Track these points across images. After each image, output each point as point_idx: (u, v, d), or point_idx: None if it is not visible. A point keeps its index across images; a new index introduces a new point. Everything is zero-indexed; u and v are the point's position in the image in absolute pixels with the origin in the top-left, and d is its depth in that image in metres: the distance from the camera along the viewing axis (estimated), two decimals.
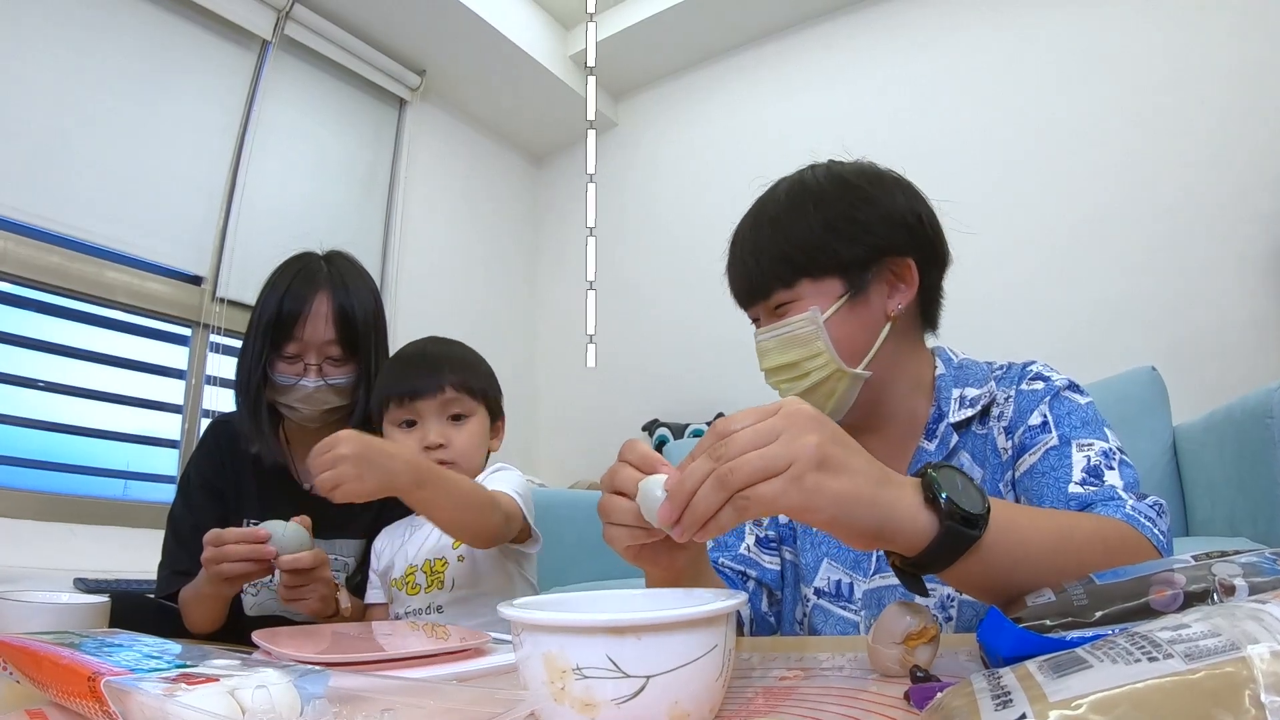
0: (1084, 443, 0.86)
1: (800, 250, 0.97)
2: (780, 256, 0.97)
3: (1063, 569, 0.63)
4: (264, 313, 1.34)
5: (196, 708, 0.42)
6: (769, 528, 1.08)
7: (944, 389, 1.00)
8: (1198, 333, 2.53)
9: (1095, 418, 0.90)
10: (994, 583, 0.65)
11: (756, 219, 1.02)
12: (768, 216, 1.01)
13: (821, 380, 0.96)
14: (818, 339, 0.95)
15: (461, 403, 1.27)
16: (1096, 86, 2.84)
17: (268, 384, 1.36)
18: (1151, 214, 2.67)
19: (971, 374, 1.01)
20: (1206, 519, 1.90)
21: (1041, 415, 0.90)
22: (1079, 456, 0.84)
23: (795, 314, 0.97)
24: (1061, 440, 0.87)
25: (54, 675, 0.54)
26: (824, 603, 1.01)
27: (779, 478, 0.56)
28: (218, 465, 1.43)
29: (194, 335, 2.81)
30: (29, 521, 2.25)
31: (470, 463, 1.27)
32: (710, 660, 0.48)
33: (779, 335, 0.98)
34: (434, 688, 0.52)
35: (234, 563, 1.11)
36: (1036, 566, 0.65)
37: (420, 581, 1.24)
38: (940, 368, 1.02)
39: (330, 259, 1.43)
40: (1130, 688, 0.31)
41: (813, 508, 0.57)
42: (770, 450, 0.57)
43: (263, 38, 3.06)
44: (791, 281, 0.97)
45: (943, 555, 0.61)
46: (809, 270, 0.97)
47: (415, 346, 1.35)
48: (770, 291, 0.99)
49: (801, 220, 0.97)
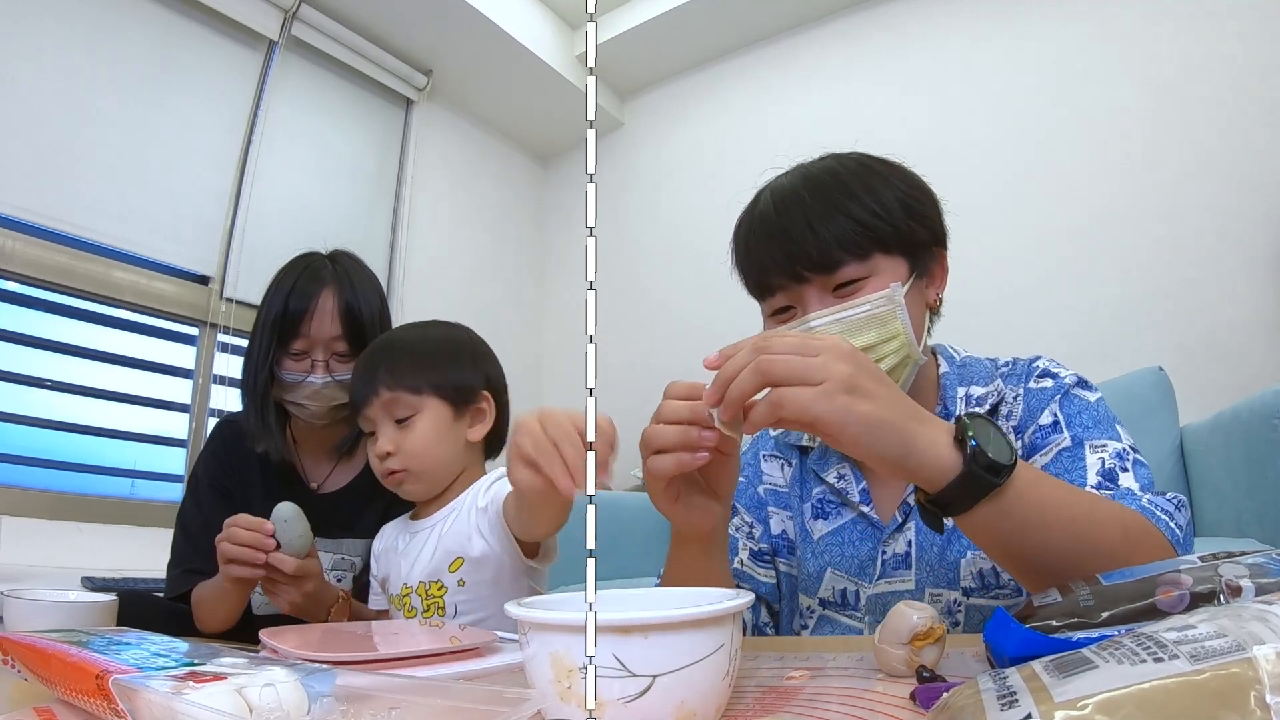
0: (1097, 444, 0.85)
1: (881, 220, 0.89)
2: (857, 224, 0.88)
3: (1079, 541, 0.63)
4: (270, 311, 1.35)
5: (204, 706, 0.43)
6: (762, 540, 1.07)
7: (949, 387, 0.99)
8: (1205, 333, 2.52)
9: (1106, 415, 0.89)
10: (1009, 539, 0.66)
11: (811, 188, 0.92)
12: (828, 183, 0.92)
13: (892, 368, 0.89)
14: (896, 318, 0.89)
15: (402, 403, 1.15)
16: (1104, 87, 2.83)
17: (274, 382, 1.37)
18: (1159, 215, 2.66)
19: (975, 372, 1.00)
20: (1213, 520, 1.90)
21: (1052, 415, 0.89)
22: (1093, 459, 0.83)
23: (869, 291, 0.89)
24: (1075, 441, 0.86)
25: (62, 673, 0.54)
26: (829, 613, 1.00)
27: (813, 388, 0.61)
28: (225, 465, 1.44)
29: (201, 335, 2.82)
30: (37, 520, 2.26)
31: (426, 464, 1.16)
32: (716, 660, 0.48)
33: (852, 316, 0.88)
34: (441, 686, 0.52)
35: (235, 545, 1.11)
36: (1053, 533, 0.65)
37: (416, 605, 1.16)
38: (943, 365, 1.01)
39: (335, 258, 1.44)
40: (1136, 688, 0.31)
41: (839, 424, 0.61)
42: (809, 361, 0.62)
43: (269, 38, 3.07)
44: (867, 253, 0.89)
45: (962, 496, 0.63)
46: (885, 244, 0.89)
47: (375, 342, 1.26)
48: (837, 264, 0.89)
49: (878, 191, 0.91)
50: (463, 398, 1.20)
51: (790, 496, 1.07)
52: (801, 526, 1.04)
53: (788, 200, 0.93)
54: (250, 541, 1.11)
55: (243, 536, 1.11)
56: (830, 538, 1.01)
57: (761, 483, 1.10)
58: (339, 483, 1.46)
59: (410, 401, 1.15)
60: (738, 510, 1.07)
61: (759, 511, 1.08)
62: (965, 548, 0.92)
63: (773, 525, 1.07)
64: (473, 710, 0.49)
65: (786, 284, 0.92)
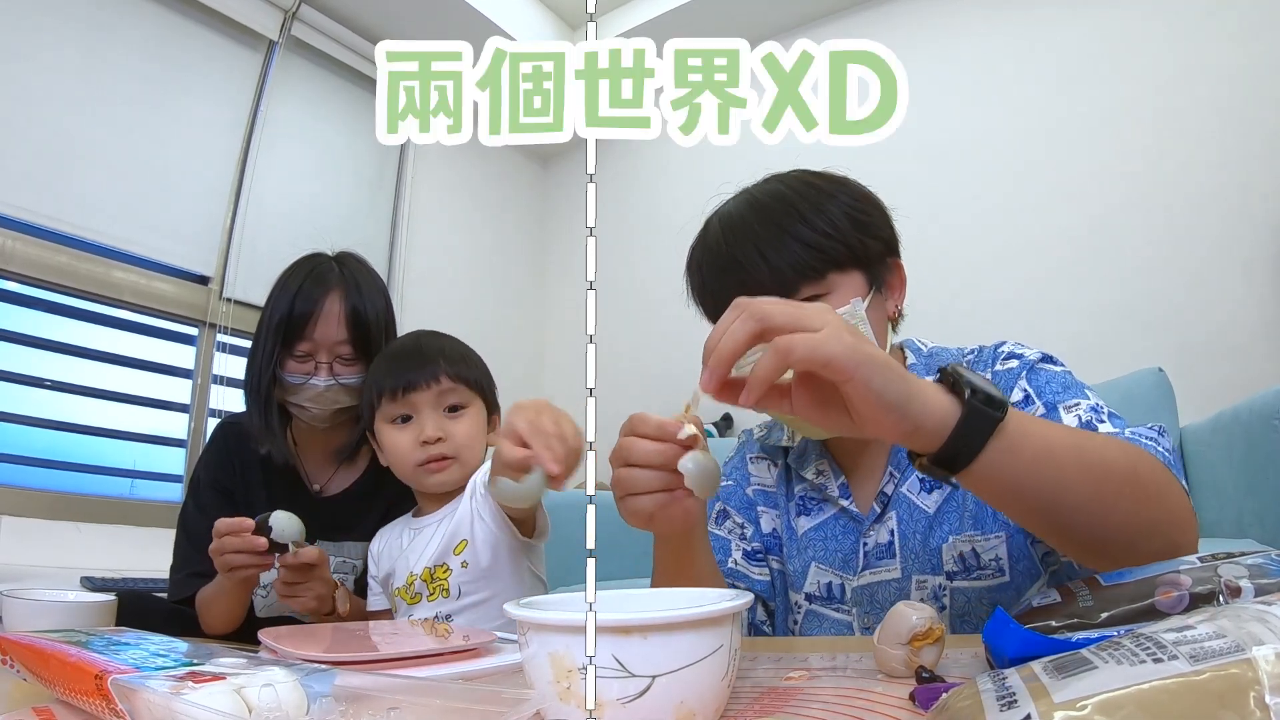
0: (1070, 404, 0.85)
1: (831, 239, 0.89)
2: (807, 246, 0.89)
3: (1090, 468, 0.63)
4: (275, 312, 1.35)
5: (203, 706, 0.43)
6: (754, 539, 1.07)
7: None
8: (1205, 334, 2.52)
9: (1075, 382, 0.90)
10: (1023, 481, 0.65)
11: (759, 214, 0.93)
12: (773, 207, 0.92)
13: None
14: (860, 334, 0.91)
15: (458, 393, 1.23)
16: (1103, 89, 2.83)
17: (278, 384, 1.36)
18: (1158, 216, 2.66)
19: (942, 360, 1.01)
20: (1213, 521, 1.90)
21: (1022, 390, 0.90)
22: (1069, 418, 0.84)
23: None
24: (1048, 407, 0.86)
25: (61, 673, 0.54)
26: (816, 607, 1.01)
27: (817, 332, 0.58)
28: (226, 466, 1.44)
29: (201, 335, 2.82)
30: (36, 520, 2.26)
31: (471, 455, 1.24)
32: (716, 660, 0.48)
33: None
34: (440, 686, 0.52)
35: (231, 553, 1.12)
36: (1065, 464, 0.65)
37: (420, 589, 1.20)
38: (910, 358, 1.02)
39: (341, 260, 1.43)
40: (1135, 689, 0.31)
41: (853, 362, 0.58)
42: (804, 308, 0.60)
43: (270, 38, 3.07)
44: (821, 273, 0.89)
45: (968, 439, 0.61)
46: (839, 262, 0.90)
47: (407, 339, 1.31)
48: (793, 289, 0.89)
49: (825, 209, 0.91)
50: (493, 406, 1.29)
51: (777, 495, 1.09)
52: (787, 524, 1.06)
53: (736, 230, 0.93)
54: (241, 546, 1.12)
55: (233, 544, 1.12)
56: (813, 533, 1.02)
57: (750, 484, 1.11)
58: (340, 485, 1.45)
59: (465, 394, 1.24)
60: (729, 513, 1.09)
61: (749, 512, 1.09)
62: (947, 533, 0.93)
63: (763, 524, 1.08)
64: (472, 710, 0.49)
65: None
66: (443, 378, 1.21)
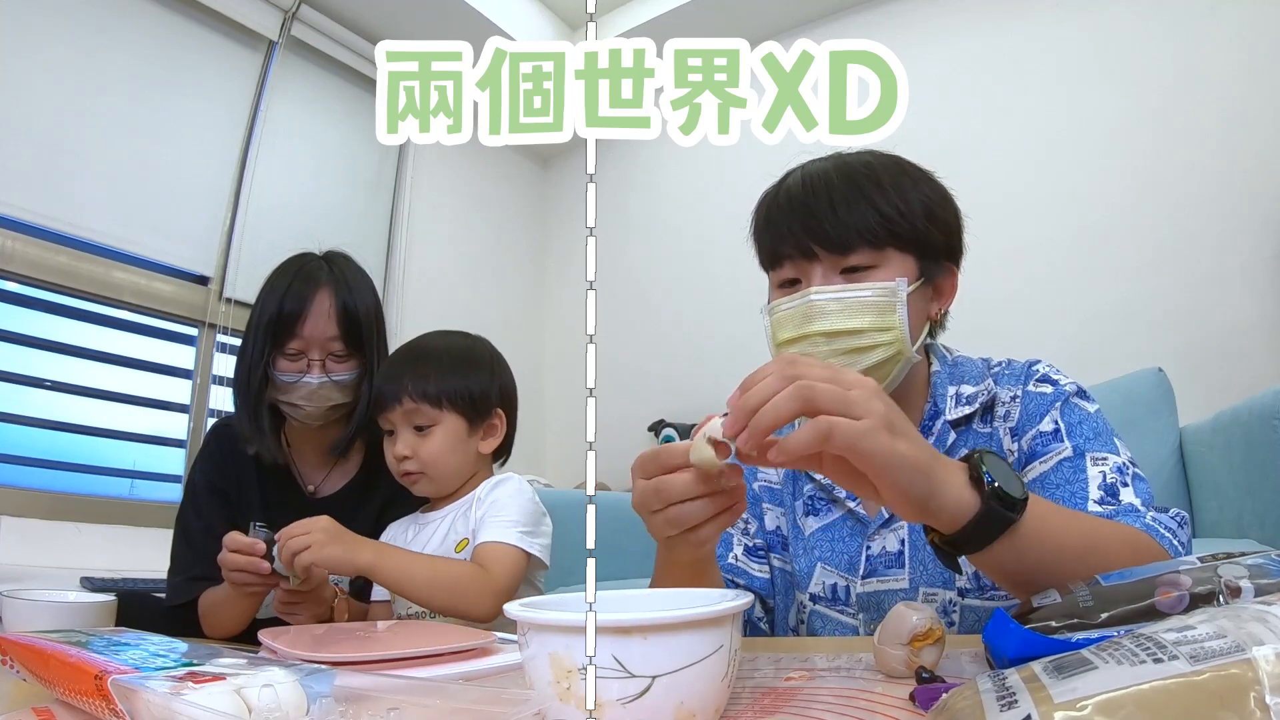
0: (1098, 456, 0.86)
1: (902, 217, 0.90)
2: (878, 215, 0.90)
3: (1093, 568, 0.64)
4: (265, 312, 1.34)
5: (203, 706, 0.43)
6: (756, 535, 1.08)
7: (939, 385, 0.99)
8: (1205, 334, 2.52)
9: (1105, 428, 0.90)
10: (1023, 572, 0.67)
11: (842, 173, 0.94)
12: (860, 172, 0.93)
13: (883, 360, 0.90)
14: (895, 311, 0.89)
15: (422, 413, 1.24)
16: (1104, 89, 2.83)
17: (269, 383, 1.36)
18: (1158, 216, 2.66)
19: (966, 371, 1.01)
20: (1213, 521, 1.90)
21: (1053, 422, 0.90)
22: (1094, 471, 0.85)
23: (876, 280, 0.90)
24: (1076, 452, 0.87)
25: (61, 673, 0.54)
26: (820, 608, 1.01)
27: (859, 422, 0.59)
28: (221, 468, 1.43)
29: (200, 335, 2.82)
30: (36, 520, 2.25)
31: (441, 472, 1.26)
32: (716, 660, 0.48)
33: (851, 297, 0.89)
34: (440, 687, 0.52)
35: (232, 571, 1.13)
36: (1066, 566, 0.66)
37: None
38: (935, 364, 1.02)
39: (330, 259, 1.43)
40: (1135, 689, 0.31)
41: (884, 463, 0.59)
42: (850, 393, 0.60)
43: (269, 38, 3.07)
44: (882, 244, 0.90)
45: (980, 533, 0.64)
46: (900, 240, 0.91)
47: (403, 347, 1.33)
48: (851, 247, 0.90)
49: (905, 191, 0.92)
50: (478, 413, 1.28)
51: (783, 493, 1.09)
52: (794, 523, 1.06)
53: (816, 180, 0.94)
54: (246, 566, 1.12)
55: (238, 561, 1.12)
56: (820, 534, 1.03)
57: (757, 480, 1.11)
58: (335, 486, 1.45)
59: (430, 414, 1.24)
60: None
61: (754, 508, 1.09)
62: None
63: (767, 521, 1.08)
64: (472, 710, 0.49)
65: (797, 257, 0.93)
66: (405, 399, 1.23)
